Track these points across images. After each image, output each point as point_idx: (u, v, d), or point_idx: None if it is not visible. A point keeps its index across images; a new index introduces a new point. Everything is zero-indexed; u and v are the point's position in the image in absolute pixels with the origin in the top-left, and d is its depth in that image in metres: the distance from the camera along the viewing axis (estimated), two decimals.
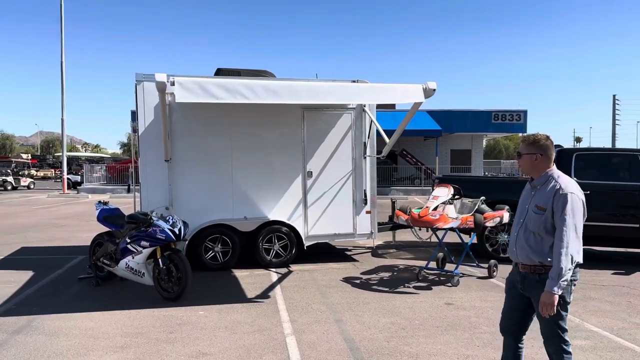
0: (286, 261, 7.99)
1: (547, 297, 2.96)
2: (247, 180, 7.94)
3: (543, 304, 2.98)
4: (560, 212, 2.99)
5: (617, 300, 6.24)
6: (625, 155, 8.33)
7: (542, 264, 3.08)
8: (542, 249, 3.08)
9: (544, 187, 3.14)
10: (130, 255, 6.19)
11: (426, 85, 6.11)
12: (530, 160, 3.19)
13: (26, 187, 31.07)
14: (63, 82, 27.54)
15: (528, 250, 3.12)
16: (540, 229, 3.07)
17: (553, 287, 2.94)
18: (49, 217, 15.18)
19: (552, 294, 2.95)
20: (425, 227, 6.90)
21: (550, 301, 2.95)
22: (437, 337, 4.90)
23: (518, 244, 3.20)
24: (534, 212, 3.11)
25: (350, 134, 8.32)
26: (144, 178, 7.53)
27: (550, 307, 2.96)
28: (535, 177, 3.22)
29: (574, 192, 3.04)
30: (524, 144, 3.22)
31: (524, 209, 3.25)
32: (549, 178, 3.15)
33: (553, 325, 3.10)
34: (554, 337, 3.13)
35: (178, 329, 5.09)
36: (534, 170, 3.21)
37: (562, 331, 3.12)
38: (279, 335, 4.91)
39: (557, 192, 3.04)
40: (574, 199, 3.01)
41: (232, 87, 5.49)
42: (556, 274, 2.95)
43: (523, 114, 27.86)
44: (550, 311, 2.97)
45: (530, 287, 3.15)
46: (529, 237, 3.14)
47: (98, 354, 4.42)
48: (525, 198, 3.28)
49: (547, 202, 3.06)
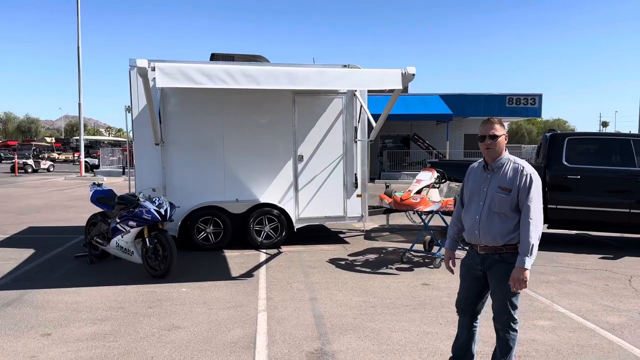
0: (277, 243, 8.20)
1: (518, 273, 3.09)
2: (238, 163, 8.16)
3: (515, 280, 3.10)
4: (527, 192, 3.14)
5: (594, 283, 6.30)
6: (617, 140, 8.28)
7: (505, 244, 3.20)
8: (508, 228, 3.19)
9: (502, 169, 3.25)
10: (120, 235, 6.47)
11: (405, 71, 6.19)
12: (503, 141, 3.28)
13: (46, 169, 31.87)
14: (80, 66, 28.09)
15: (496, 232, 3.21)
16: (506, 209, 3.18)
17: (524, 263, 3.08)
18: (61, 198, 15.67)
19: (524, 270, 3.08)
20: (406, 210, 7.02)
21: (522, 277, 3.08)
22: (403, 315, 5.07)
23: (482, 227, 3.27)
24: (498, 194, 3.21)
25: (341, 119, 8.45)
26: (138, 161, 7.81)
27: (522, 282, 3.09)
28: (493, 160, 3.28)
29: (535, 172, 3.21)
30: (499, 125, 3.27)
31: (481, 192, 3.31)
32: (506, 160, 3.27)
33: (507, 302, 3.24)
34: (505, 313, 3.27)
35: (158, 304, 5.36)
36: (501, 151, 3.27)
37: (513, 308, 3.27)
38: (252, 311, 5.14)
39: (521, 173, 3.18)
40: (537, 178, 3.19)
41: (212, 73, 5.66)
42: (527, 250, 3.09)
43: (538, 97, 27.40)
44: (522, 286, 3.10)
45: (490, 266, 3.28)
46: (493, 219, 3.22)
47: (77, 326, 4.71)
48: (480, 182, 3.34)
49: (511, 182, 3.18)
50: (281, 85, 5.83)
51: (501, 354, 3.35)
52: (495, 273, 3.26)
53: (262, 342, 4.35)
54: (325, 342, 4.35)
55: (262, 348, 4.23)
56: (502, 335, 3.32)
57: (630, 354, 4.17)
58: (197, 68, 5.63)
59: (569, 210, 8.17)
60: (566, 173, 8.16)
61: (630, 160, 8.05)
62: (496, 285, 3.27)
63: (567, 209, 8.16)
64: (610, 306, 5.41)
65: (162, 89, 7.70)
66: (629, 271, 6.90)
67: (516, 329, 3.31)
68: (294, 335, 4.52)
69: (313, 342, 4.37)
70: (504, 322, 3.29)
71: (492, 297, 3.35)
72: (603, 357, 4.11)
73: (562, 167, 8.20)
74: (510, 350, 3.33)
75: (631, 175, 7.94)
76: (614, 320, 4.95)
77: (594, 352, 4.20)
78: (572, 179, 8.15)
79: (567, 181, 8.17)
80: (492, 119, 3.30)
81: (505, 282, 3.19)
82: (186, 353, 4.13)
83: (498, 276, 3.24)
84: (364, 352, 4.15)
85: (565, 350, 4.22)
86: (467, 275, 3.48)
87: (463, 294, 3.53)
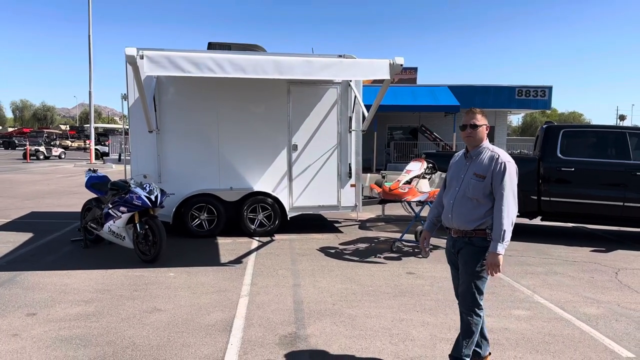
0: (270, 231, 8.30)
1: (492, 258, 3.18)
2: (233, 151, 8.25)
3: (489, 265, 3.19)
4: (500, 179, 3.23)
5: (580, 275, 6.31)
6: (613, 133, 8.21)
7: (475, 228, 3.31)
8: (479, 213, 3.30)
9: (480, 157, 3.36)
10: (112, 220, 6.61)
11: (393, 61, 6.20)
12: (484, 131, 3.40)
13: (57, 156, 32.35)
14: (90, 55, 28.37)
15: (467, 217, 3.33)
16: (479, 194, 3.29)
17: (497, 248, 3.16)
18: (68, 185, 15.94)
19: (497, 254, 3.16)
20: (394, 200, 7.08)
21: (495, 261, 3.17)
22: (382, 302, 5.14)
23: (455, 211, 3.40)
24: (473, 180, 3.32)
25: (336, 109, 8.49)
26: (134, 148, 7.94)
27: (495, 267, 3.18)
28: (473, 148, 3.41)
29: (511, 161, 3.29)
30: (480, 115, 3.39)
31: (459, 178, 3.43)
32: (485, 149, 3.39)
33: (472, 284, 3.33)
34: (469, 295, 3.35)
35: (144, 287, 5.49)
36: (481, 140, 3.39)
37: (479, 293, 3.35)
38: (234, 296, 5.25)
39: (495, 161, 3.28)
40: (511, 166, 3.27)
41: (200, 61, 5.74)
42: (499, 235, 3.17)
43: (548, 90, 27.12)
44: (496, 271, 3.18)
45: (460, 248, 3.40)
46: (466, 204, 3.35)
47: (62, 307, 4.86)
48: (459, 168, 3.48)
49: (486, 170, 3.29)
50: (268, 75, 5.89)
51: (463, 337, 3.42)
52: (462, 255, 3.38)
53: (239, 325, 4.45)
54: (300, 327, 4.45)
55: (238, 331, 4.34)
56: (465, 318, 3.39)
57: (600, 344, 4.20)
58: (185, 57, 5.71)
59: (563, 202, 8.15)
60: (560, 165, 8.14)
61: (626, 153, 8.00)
62: (462, 267, 3.38)
63: (560, 201, 8.15)
64: (591, 298, 5.43)
65: (158, 78, 7.81)
66: (617, 264, 6.89)
67: (480, 314, 3.39)
68: (271, 319, 4.62)
69: (288, 326, 4.47)
70: (468, 305, 3.37)
71: (460, 279, 3.43)
72: (572, 346, 4.15)
73: (557, 160, 8.17)
74: (472, 335, 3.39)
75: (626, 169, 7.90)
76: (591, 312, 4.98)
77: (564, 341, 4.24)
78: (566, 171, 8.12)
79: (561, 173, 8.14)
80: (474, 110, 3.44)
81: (470, 265, 3.31)
82: (163, 334, 4.25)
83: (465, 259, 3.36)
84: (335, 337, 4.24)
85: (536, 340, 4.27)
86: (450, 261, 3.60)
87: (453, 281, 3.61)
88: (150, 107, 7.38)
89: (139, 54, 5.60)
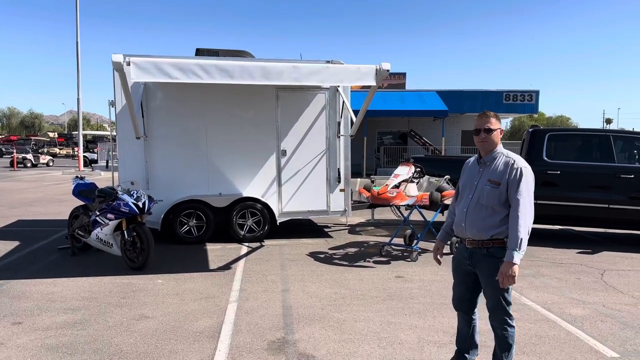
0: (259, 236, 8.30)
1: (507, 268, 3.03)
2: (222, 157, 8.25)
3: (504, 275, 3.04)
4: (516, 186, 3.09)
5: (566, 277, 6.37)
6: (597, 136, 8.32)
7: (492, 238, 3.17)
8: (493, 222, 3.16)
9: (494, 162, 3.22)
10: (99, 227, 6.57)
11: (380, 67, 6.24)
12: (498, 135, 3.25)
13: (45, 164, 32.07)
14: (78, 62, 28.16)
15: (481, 225, 3.19)
16: (494, 202, 3.15)
17: (513, 257, 3.01)
18: (56, 192, 15.80)
19: (513, 264, 3.01)
20: (383, 204, 7.11)
21: (510, 272, 3.02)
22: (371, 306, 5.16)
23: (468, 220, 3.26)
24: (488, 187, 3.18)
25: (324, 114, 8.52)
26: (121, 155, 7.91)
27: (510, 278, 3.03)
28: (487, 154, 3.27)
29: (526, 166, 3.16)
30: (494, 119, 3.23)
31: (472, 185, 3.30)
32: (499, 154, 3.24)
33: (500, 298, 3.19)
34: (500, 310, 3.22)
35: (132, 295, 5.46)
36: (495, 144, 3.25)
37: (507, 304, 3.22)
38: (223, 302, 5.23)
39: (511, 167, 3.14)
40: (528, 172, 3.13)
41: (187, 67, 5.74)
42: (516, 244, 3.03)
43: (535, 94, 27.39)
44: (511, 282, 3.04)
45: (478, 261, 3.24)
46: (480, 211, 3.21)
47: (49, 315, 4.82)
48: (472, 175, 3.34)
49: (501, 176, 3.15)
50: (255, 81, 5.90)
51: (501, 351, 3.30)
52: (484, 270, 3.22)
53: (227, 332, 4.44)
54: (288, 332, 4.45)
55: (226, 337, 4.33)
56: (500, 333, 3.27)
57: (586, 344, 4.25)
58: (171, 63, 5.71)
59: (549, 205, 8.22)
60: (546, 168, 8.22)
61: (610, 156, 8.11)
62: (487, 282, 3.23)
63: (547, 204, 8.22)
64: (577, 299, 5.48)
65: (146, 84, 7.80)
66: (603, 265, 6.97)
67: (513, 325, 3.27)
68: (260, 325, 4.61)
69: (277, 331, 4.46)
70: (500, 319, 3.24)
71: (484, 294, 3.29)
72: (557, 347, 4.19)
73: (543, 163, 8.25)
74: (510, 348, 3.28)
75: (610, 171, 8.00)
76: (577, 313, 5.03)
77: (550, 342, 4.28)
78: (552, 175, 8.21)
79: (547, 176, 8.22)
80: (487, 113, 3.27)
81: (494, 278, 3.14)
82: (151, 341, 4.23)
83: (487, 273, 3.20)
84: (324, 341, 4.25)
85: (522, 341, 4.30)
86: (458, 270, 3.46)
87: (456, 290, 3.51)
88: (137, 114, 7.37)
89: (126, 61, 5.59)
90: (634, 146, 8.36)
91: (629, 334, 4.50)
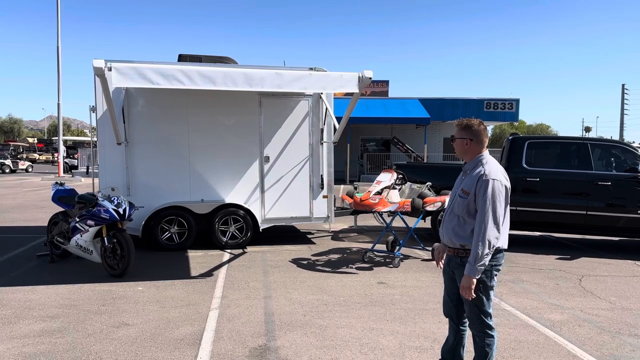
0: (242, 243, 8.26)
1: (465, 281, 3.06)
2: (204, 163, 8.21)
3: (462, 288, 3.09)
4: (481, 197, 3.05)
5: (546, 282, 6.47)
6: (575, 144, 8.49)
7: (463, 247, 3.18)
8: (464, 232, 3.16)
9: (472, 171, 3.21)
10: (79, 234, 6.49)
11: (362, 74, 6.30)
12: (462, 144, 3.24)
13: (24, 170, 31.56)
14: (59, 67, 27.86)
15: (452, 233, 3.23)
16: (463, 212, 3.15)
17: (470, 272, 3.04)
18: (35, 199, 15.55)
19: (470, 278, 3.04)
20: (366, 210, 7.15)
21: (468, 285, 3.05)
22: (353, 312, 5.17)
23: (444, 227, 3.31)
24: (459, 196, 3.19)
25: (308, 121, 8.55)
26: (102, 161, 7.84)
27: (468, 290, 3.06)
28: (467, 161, 3.28)
29: (496, 178, 3.07)
30: (458, 128, 3.24)
31: (454, 193, 3.32)
32: (478, 163, 3.20)
33: (474, 308, 3.20)
34: (476, 320, 3.23)
35: (112, 302, 5.40)
36: (465, 154, 3.26)
37: (485, 315, 3.21)
38: (204, 310, 5.20)
39: (480, 177, 3.09)
40: (496, 185, 3.05)
41: (169, 73, 5.72)
42: (473, 259, 3.03)
43: (515, 102, 27.84)
44: (469, 294, 3.07)
45: (455, 269, 3.28)
46: (453, 220, 3.23)
47: (26, 323, 4.74)
48: (457, 183, 3.35)
49: (471, 186, 3.12)
50: (238, 87, 5.91)
51: (479, 358, 3.31)
52: (459, 278, 3.23)
53: (208, 339, 4.42)
54: (270, 339, 4.44)
55: (207, 344, 4.30)
56: (479, 341, 3.28)
57: (564, 349, 4.31)
58: (153, 68, 5.69)
59: (529, 212, 8.35)
60: (526, 175, 8.35)
61: (588, 163, 8.27)
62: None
63: (526, 211, 8.35)
64: (556, 304, 5.57)
65: (127, 90, 7.74)
66: (581, 271, 7.09)
67: (492, 334, 3.27)
68: (241, 332, 4.59)
69: (259, 338, 4.45)
70: (477, 327, 3.25)
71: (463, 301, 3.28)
72: (536, 352, 4.25)
73: (522, 170, 8.39)
74: (487, 355, 3.27)
75: (588, 178, 8.15)
76: (555, 318, 5.11)
77: (529, 347, 4.34)
78: (531, 181, 8.34)
79: (526, 183, 8.36)
80: (459, 121, 3.29)
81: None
82: (131, 349, 4.18)
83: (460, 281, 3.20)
84: (306, 348, 4.24)
85: (502, 346, 4.35)
86: (445, 275, 3.47)
87: (444, 296, 3.52)
88: (119, 119, 7.31)
89: (107, 66, 5.56)
90: (611, 154, 8.54)
91: (606, 338, 4.58)
